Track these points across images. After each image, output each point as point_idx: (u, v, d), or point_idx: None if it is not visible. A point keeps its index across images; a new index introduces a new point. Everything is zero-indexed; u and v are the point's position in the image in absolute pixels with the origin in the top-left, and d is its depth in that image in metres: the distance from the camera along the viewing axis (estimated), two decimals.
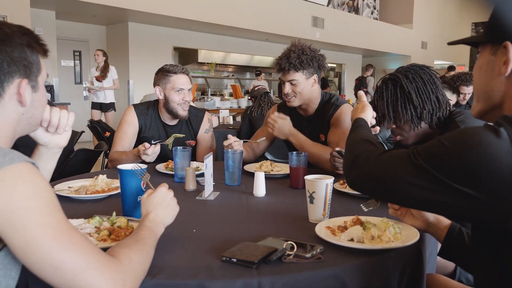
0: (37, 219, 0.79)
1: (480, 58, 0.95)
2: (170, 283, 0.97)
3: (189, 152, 2.04)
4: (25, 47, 0.93)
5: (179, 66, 2.53)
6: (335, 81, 15.52)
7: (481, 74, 0.94)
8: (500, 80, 0.89)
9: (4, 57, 0.89)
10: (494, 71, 0.90)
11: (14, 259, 0.86)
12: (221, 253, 1.08)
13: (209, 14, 8.86)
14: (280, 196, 1.78)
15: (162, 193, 1.18)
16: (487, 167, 0.75)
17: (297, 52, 2.25)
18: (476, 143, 0.77)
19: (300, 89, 2.29)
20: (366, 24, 13.69)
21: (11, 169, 0.79)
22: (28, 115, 0.98)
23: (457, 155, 0.78)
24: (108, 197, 1.73)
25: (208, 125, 2.67)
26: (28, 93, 0.95)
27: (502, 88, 0.89)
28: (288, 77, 2.29)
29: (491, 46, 0.91)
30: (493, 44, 0.91)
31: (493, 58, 0.90)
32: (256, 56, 12.16)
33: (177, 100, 2.45)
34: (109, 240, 1.18)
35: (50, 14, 8.03)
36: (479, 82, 0.95)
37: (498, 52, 0.89)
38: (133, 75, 9.25)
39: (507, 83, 0.88)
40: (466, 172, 0.77)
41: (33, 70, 0.96)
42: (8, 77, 0.90)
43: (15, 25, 0.95)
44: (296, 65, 2.25)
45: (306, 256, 1.08)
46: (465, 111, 1.77)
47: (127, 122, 2.50)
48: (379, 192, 0.97)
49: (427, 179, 0.82)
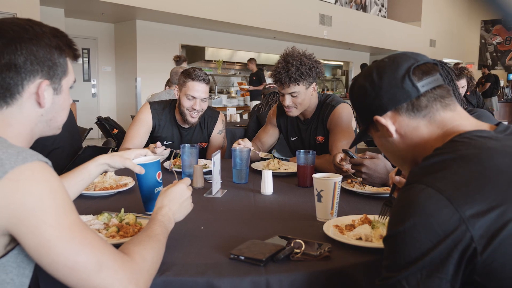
0: (52, 219, 0.79)
1: (375, 140, 1.06)
2: (178, 280, 0.98)
3: (197, 149, 2.05)
4: (53, 49, 0.92)
5: (201, 72, 2.46)
6: (342, 79, 15.46)
7: (384, 149, 1.04)
8: (396, 142, 0.98)
9: (29, 55, 0.88)
10: (387, 140, 1.00)
11: (27, 257, 0.86)
12: (229, 251, 1.08)
13: (217, 12, 8.86)
14: (288, 194, 1.78)
15: (181, 189, 1.18)
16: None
17: (296, 64, 2.16)
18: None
19: (300, 100, 2.24)
20: (374, 22, 13.61)
21: (25, 168, 0.79)
22: (48, 117, 0.96)
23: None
24: (117, 194, 1.74)
25: (222, 126, 2.67)
26: (48, 94, 0.93)
27: (403, 146, 0.98)
28: (288, 90, 2.21)
29: (372, 127, 1.02)
30: (370, 125, 1.02)
31: (379, 133, 1.00)
32: (263, 53, 12.14)
33: (187, 106, 2.43)
34: (117, 237, 1.19)
35: (59, 11, 8.07)
36: (389, 156, 1.05)
37: (378, 125, 0.98)
38: (140, 73, 9.28)
39: (401, 140, 0.97)
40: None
41: (58, 72, 0.94)
42: (29, 75, 0.89)
43: (48, 27, 0.94)
44: (296, 78, 2.16)
45: (314, 254, 1.08)
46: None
47: (141, 120, 2.49)
48: None
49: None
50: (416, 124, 0.94)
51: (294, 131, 2.50)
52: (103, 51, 9.75)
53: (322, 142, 2.36)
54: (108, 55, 9.84)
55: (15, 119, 0.91)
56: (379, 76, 0.96)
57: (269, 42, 11.92)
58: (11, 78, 0.87)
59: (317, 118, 2.37)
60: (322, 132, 2.35)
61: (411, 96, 0.93)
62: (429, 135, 0.94)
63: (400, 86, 0.93)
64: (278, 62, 2.23)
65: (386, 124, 0.96)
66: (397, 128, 0.96)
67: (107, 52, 9.83)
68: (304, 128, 2.43)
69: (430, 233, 0.75)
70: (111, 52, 9.89)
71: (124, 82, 9.76)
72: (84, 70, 9.61)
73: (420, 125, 0.94)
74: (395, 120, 0.96)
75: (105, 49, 9.77)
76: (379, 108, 0.97)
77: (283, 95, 2.25)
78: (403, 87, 0.93)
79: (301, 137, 2.45)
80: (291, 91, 2.20)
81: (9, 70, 0.87)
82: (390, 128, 0.96)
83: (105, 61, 9.82)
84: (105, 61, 9.82)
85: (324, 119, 2.32)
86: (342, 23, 12.03)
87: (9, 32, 0.88)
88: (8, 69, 0.87)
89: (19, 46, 0.87)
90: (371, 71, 0.99)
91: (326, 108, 2.32)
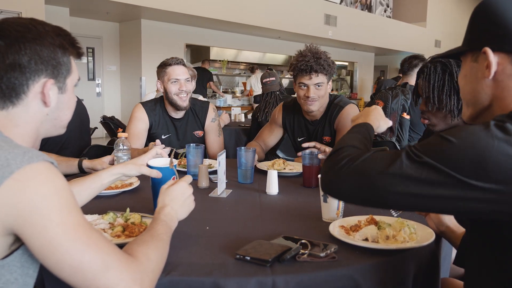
0: (57, 220, 0.79)
1: (463, 67, 0.98)
2: (184, 280, 0.98)
3: (202, 149, 2.05)
4: (56, 48, 0.92)
5: (175, 58, 2.56)
6: (347, 79, 15.43)
7: (467, 81, 0.97)
8: (486, 83, 0.91)
9: (33, 55, 0.88)
10: (478, 76, 0.92)
11: (31, 257, 0.86)
12: (234, 251, 1.08)
13: (222, 11, 8.86)
14: (293, 195, 1.78)
15: (182, 187, 1.18)
16: (496, 159, 0.75)
17: (323, 57, 2.24)
18: (483, 137, 0.77)
19: (323, 92, 2.28)
20: (379, 22, 13.57)
21: (30, 168, 0.79)
22: (53, 116, 0.97)
23: (464, 149, 0.78)
24: (122, 193, 1.74)
25: (214, 114, 2.70)
26: (53, 93, 0.94)
27: (489, 90, 0.91)
28: (316, 80, 2.23)
29: (472, 54, 0.94)
30: (473, 52, 0.94)
31: (476, 64, 0.93)
32: (268, 53, 12.13)
33: (174, 91, 2.47)
34: (123, 236, 1.19)
35: (64, 11, 8.09)
36: (465, 89, 0.98)
37: (479, 58, 0.91)
38: (145, 72, 9.29)
39: (492, 85, 0.90)
40: (477, 165, 0.76)
41: (62, 71, 0.95)
42: (34, 75, 0.90)
43: (51, 26, 0.94)
44: (325, 68, 2.23)
45: (320, 255, 1.07)
46: None
47: (138, 119, 2.51)
48: (365, 192, 0.87)
49: (434, 174, 0.79)
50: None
51: (301, 132, 2.49)
52: (108, 50, 9.77)
53: (329, 142, 2.35)
54: (113, 55, 9.86)
55: (22, 119, 0.92)
56: None
57: (274, 42, 11.91)
58: (16, 78, 0.88)
59: (325, 118, 2.37)
60: (329, 132, 2.36)
61: None
62: None
63: None
64: (302, 54, 2.25)
65: (491, 62, 0.88)
66: (498, 72, 0.88)
67: (112, 51, 9.85)
68: (313, 129, 2.44)
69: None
70: (116, 51, 9.91)
71: (129, 81, 9.78)
72: (88, 69, 9.63)
73: None
74: (502, 64, 0.88)
75: (110, 49, 9.79)
76: (498, 42, 0.88)
77: (307, 86, 2.25)
78: None
79: (309, 138, 2.44)
80: (318, 81, 2.24)
81: (13, 70, 0.87)
82: (492, 68, 0.88)
83: (110, 60, 9.84)
84: (110, 60, 9.84)
85: (332, 119, 2.34)
86: (347, 23, 12.01)
87: (12, 32, 0.88)
88: (13, 69, 0.87)
89: (23, 46, 0.87)
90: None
91: (334, 108, 2.34)
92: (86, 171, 1.94)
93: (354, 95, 14.41)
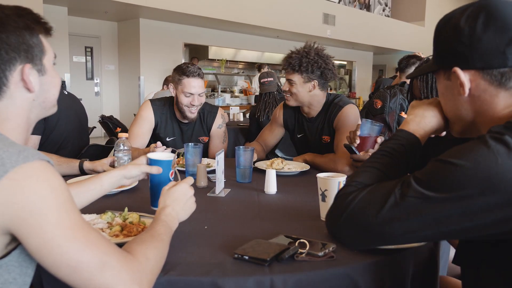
0: (54, 219, 0.77)
1: (439, 84, 0.98)
2: (183, 280, 0.97)
3: (200, 148, 2.05)
4: (22, 30, 0.87)
5: (194, 67, 2.47)
6: (346, 78, 15.44)
7: (445, 99, 0.97)
8: (463, 100, 0.90)
9: (1, 44, 0.85)
10: (454, 93, 0.92)
11: (29, 257, 0.85)
12: (233, 250, 1.08)
13: (220, 10, 8.85)
14: (292, 194, 1.78)
15: (184, 189, 1.17)
16: (502, 176, 0.73)
17: (301, 54, 2.24)
18: (485, 154, 0.75)
19: (295, 90, 2.28)
20: (378, 21, 13.58)
21: (26, 167, 0.77)
22: (40, 100, 0.94)
23: (474, 169, 0.75)
24: (120, 193, 1.74)
25: (221, 121, 2.67)
26: (34, 78, 0.91)
27: (468, 106, 0.91)
28: (287, 76, 2.31)
29: (444, 73, 0.93)
30: (444, 70, 0.93)
31: (449, 82, 0.92)
32: (266, 53, 12.13)
33: (185, 103, 2.44)
34: (121, 236, 1.18)
35: (62, 10, 8.07)
36: (446, 107, 0.99)
37: (452, 77, 0.91)
38: (144, 71, 9.29)
39: (470, 100, 0.90)
40: (487, 182, 0.74)
41: (36, 54, 0.90)
42: (8, 65, 0.86)
43: (10, 7, 0.89)
44: (294, 66, 2.24)
45: (318, 254, 1.07)
46: None
47: (143, 118, 2.50)
48: (368, 241, 0.89)
49: (452, 206, 0.76)
50: (495, 93, 0.86)
51: (300, 128, 2.50)
52: (107, 49, 9.76)
53: (328, 142, 2.35)
54: (111, 54, 9.85)
55: (11, 112, 0.89)
56: (485, 27, 0.83)
57: (273, 41, 11.91)
58: None
59: (323, 117, 2.37)
60: (328, 132, 2.35)
61: (507, 65, 0.83)
62: (504, 107, 0.86)
63: (501, 49, 0.82)
64: (292, 51, 2.31)
65: (464, 81, 0.87)
66: (472, 89, 0.87)
67: (111, 50, 9.84)
68: (309, 126, 2.44)
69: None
70: (114, 50, 9.89)
71: (127, 80, 9.77)
72: (87, 69, 9.62)
73: (500, 95, 0.85)
74: (474, 80, 0.86)
75: (108, 48, 9.78)
76: (465, 61, 0.86)
77: (286, 80, 2.34)
78: (504, 52, 0.82)
79: (306, 135, 2.45)
80: (288, 77, 2.30)
81: None
82: (465, 87, 0.87)
83: (108, 59, 9.83)
84: (108, 59, 9.83)
85: (331, 118, 2.33)
86: (346, 22, 12.01)
87: None
88: None
89: None
90: (478, 16, 0.85)
91: (333, 108, 2.33)
92: (87, 172, 1.94)
93: (353, 94, 14.41)
